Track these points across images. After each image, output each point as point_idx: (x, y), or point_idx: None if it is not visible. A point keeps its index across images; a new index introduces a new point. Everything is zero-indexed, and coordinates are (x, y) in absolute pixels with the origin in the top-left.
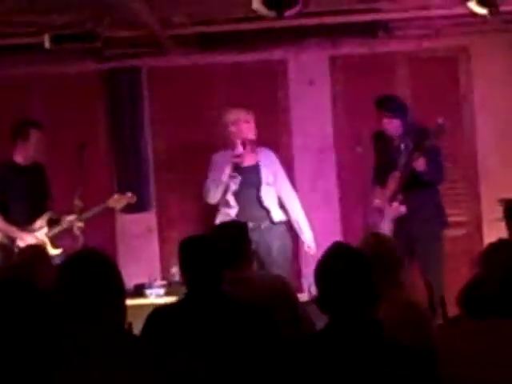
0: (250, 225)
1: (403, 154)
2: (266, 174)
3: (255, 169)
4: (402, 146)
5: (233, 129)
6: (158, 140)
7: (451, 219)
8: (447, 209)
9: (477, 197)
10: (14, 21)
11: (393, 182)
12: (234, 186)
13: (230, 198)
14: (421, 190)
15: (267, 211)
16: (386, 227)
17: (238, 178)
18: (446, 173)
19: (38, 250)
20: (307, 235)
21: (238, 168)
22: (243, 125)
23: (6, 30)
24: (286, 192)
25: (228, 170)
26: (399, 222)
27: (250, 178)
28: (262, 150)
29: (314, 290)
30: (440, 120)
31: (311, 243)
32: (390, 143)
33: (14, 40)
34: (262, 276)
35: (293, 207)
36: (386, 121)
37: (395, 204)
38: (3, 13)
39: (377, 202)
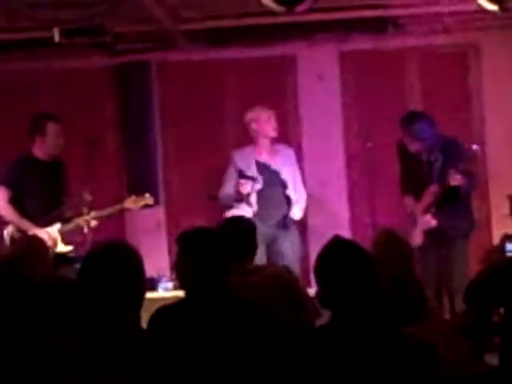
0: (272, 222)
1: (435, 169)
2: (287, 174)
3: (278, 167)
4: (432, 159)
5: (254, 126)
6: (167, 134)
7: None
8: None
9: (486, 194)
10: (24, 15)
11: (428, 196)
12: (258, 186)
13: (253, 197)
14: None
15: (288, 210)
16: (417, 237)
17: (260, 179)
18: (479, 181)
19: (31, 242)
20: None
21: (260, 166)
22: (264, 123)
23: (17, 25)
24: (299, 192)
25: (235, 190)
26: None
27: (275, 177)
28: (282, 148)
29: None
30: (474, 147)
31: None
32: (417, 156)
33: (25, 34)
34: (267, 267)
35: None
36: (408, 140)
37: (428, 217)
38: (14, 7)
39: (410, 210)
